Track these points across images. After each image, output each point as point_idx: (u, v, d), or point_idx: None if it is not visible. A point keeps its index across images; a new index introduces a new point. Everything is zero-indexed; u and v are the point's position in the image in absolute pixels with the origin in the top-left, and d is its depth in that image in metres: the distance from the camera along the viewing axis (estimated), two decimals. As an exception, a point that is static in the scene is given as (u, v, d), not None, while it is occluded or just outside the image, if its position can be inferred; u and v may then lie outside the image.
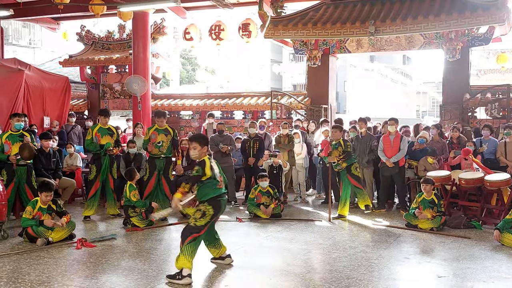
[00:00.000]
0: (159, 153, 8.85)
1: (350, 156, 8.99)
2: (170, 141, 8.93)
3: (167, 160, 8.96)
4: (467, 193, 9.00)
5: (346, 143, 9.05)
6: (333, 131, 9.23)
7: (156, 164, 8.85)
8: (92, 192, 8.79)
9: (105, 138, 8.83)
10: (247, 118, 14.13)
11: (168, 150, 8.93)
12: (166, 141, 8.89)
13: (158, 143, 8.83)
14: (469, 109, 12.22)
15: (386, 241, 7.34)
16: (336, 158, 8.92)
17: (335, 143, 9.03)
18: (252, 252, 6.67)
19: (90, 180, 8.94)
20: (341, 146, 8.95)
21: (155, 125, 9.01)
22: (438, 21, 10.85)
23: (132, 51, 13.25)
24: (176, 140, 9.06)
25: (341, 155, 8.91)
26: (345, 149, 8.93)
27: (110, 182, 9.02)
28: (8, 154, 8.28)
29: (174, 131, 9.07)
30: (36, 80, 12.81)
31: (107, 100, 15.57)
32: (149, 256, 6.48)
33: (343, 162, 8.90)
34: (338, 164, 8.95)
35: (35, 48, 27.70)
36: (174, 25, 23.28)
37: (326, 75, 13.54)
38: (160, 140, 8.84)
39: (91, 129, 8.93)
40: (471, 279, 5.58)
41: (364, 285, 5.31)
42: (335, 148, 8.98)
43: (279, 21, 12.42)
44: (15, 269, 5.76)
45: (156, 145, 8.81)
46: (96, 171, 8.84)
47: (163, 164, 8.89)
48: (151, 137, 8.85)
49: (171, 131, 8.99)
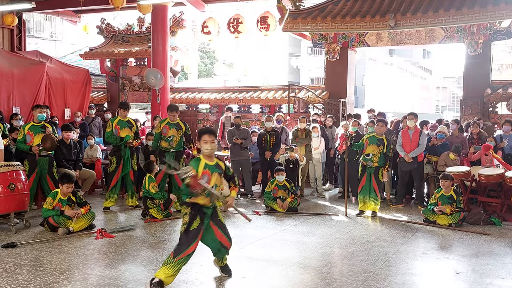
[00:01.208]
0: (169, 147, 8.91)
1: (387, 160, 8.79)
2: (181, 136, 8.98)
3: (177, 154, 8.98)
4: (487, 189, 8.91)
5: (390, 147, 8.75)
6: (378, 125, 8.86)
7: (166, 157, 8.80)
8: (112, 183, 8.90)
9: (124, 131, 8.92)
10: (264, 112, 14.13)
11: (178, 144, 8.97)
12: (177, 135, 8.93)
13: (169, 138, 8.88)
14: (490, 104, 12.07)
15: (403, 236, 7.32)
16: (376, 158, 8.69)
17: (377, 139, 8.74)
18: (269, 245, 6.71)
19: (110, 172, 9.05)
20: (383, 146, 8.69)
21: (167, 119, 9.05)
22: (460, 14, 10.70)
23: (151, 44, 13.32)
24: (188, 134, 9.10)
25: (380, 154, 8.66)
26: (387, 153, 8.71)
27: (130, 174, 9.13)
28: (31, 145, 8.42)
29: (186, 125, 9.09)
30: (58, 73, 12.98)
31: (126, 93, 15.70)
32: (167, 246, 6.55)
33: (377, 161, 8.70)
34: (371, 159, 8.74)
35: (56, 41, 27.99)
36: (192, 18, 23.38)
37: (345, 68, 13.45)
38: (171, 135, 8.90)
39: (111, 121, 9.01)
40: (489, 276, 5.54)
41: (381, 279, 5.31)
42: (376, 144, 8.71)
43: (298, 14, 12.36)
44: (37, 258, 5.88)
45: (166, 139, 8.87)
46: (116, 163, 8.94)
47: (173, 158, 8.84)
48: (162, 131, 8.91)
49: (182, 125, 9.02)
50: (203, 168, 4.89)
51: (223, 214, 8.20)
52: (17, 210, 7.28)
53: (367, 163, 8.82)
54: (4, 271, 5.33)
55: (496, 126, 11.82)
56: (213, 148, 4.98)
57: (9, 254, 5.99)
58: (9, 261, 5.72)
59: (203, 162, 4.92)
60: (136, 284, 5.01)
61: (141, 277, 5.26)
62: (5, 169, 7.17)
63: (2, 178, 7.08)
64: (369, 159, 8.76)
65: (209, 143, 4.92)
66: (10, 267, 5.48)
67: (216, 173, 4.98)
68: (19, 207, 7.29)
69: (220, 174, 5.07)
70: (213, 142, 4.94)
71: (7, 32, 14.91)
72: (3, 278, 5.11)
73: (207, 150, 4.95)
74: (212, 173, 4.94)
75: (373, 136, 8.82)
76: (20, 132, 8.60)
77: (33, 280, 5.05)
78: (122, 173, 8.97)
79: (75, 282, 5.03)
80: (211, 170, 4.94)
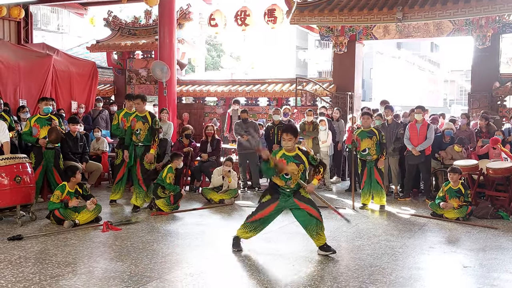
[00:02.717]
0: (137, 140, 8.36)
1: (383, 148, 8.76)
2: (148, 130, 8.35)
3: (145, 148, 8.40)
4: (494, 183, 8.84)
5: (381, 134, 8.76)
6: (364, 118, 8.90)
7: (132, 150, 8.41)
8: (118, 176, 8.87)
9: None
10: (271, 105, 14.08)
11: (146, 138, 8.36)
12: (144, 129, 8.32)
13: (136, 131, 8.32)
14: (499, 98, 11.97)
15: (410, 230, 7.28)
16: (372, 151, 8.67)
17: (367, 132, 8.77)
18: (275, 238, 6.68)
19: (116, 165, 9.02)
20: (375, 136, 8.71)
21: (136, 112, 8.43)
22: (468, 7, 10.59)
23: (158, 37, 13.28)
24: (154, 129, 8.38)
25: (375, 145, 8.65)
26: (380, 140, 8.70)
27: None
28: (37, 138, 8.43)
29: (153, 118, 8.44)
30: (64, 65, 12.99)
31: (133, 85, 15.68)
32: (173, 240, 6.55)
33: (375, 153, 8.69)
34: (369, 154, 8.74)
35: (63, 33, 28.00)
36: (199, 11, 23.29)
37: (352, 62, 13.37)
38: (137, 128, 8.31)
39: (117, 114, 8.95)
40: (497, 270, 5.50)
41: (388, 273, 5.28)
42: (368, 137, 8.74)
43: (305, 7, 12.28)
44: (42, 250, 5.90)
45: (134, 132, 8.32)
46: (123, 156, 8.91)
47: (142, 152, 8.39)
48: (126, 124, 8.39)
49: (149, 118, 8.37)
50: (280, 156, 5.75)
51: (233, 207, 8.18)
52: (23, 202, 7.30)
53: (366, 158, 8.80)
54: (9, 264, 5.34)
55: (505, 119, 11.73)
56: (289, 146, 5.75)
57: (15, 247, 6.01)
58: (15, 253, 5.73)
59: (281, 152, 5.80)
60: (142, 277, 5.00)
61: (147, 270, 5.25)
62: (12, 162, 7.19)
63: (8, 170, 7.10)
64: (366, 154, 8.74)
65: (286, 140, 5.72)
66: (16, 260, 5.49)
67: (292, 162, 5.72)
68: (25, 200, 7.31)
69: (298, 165, 5.74)
70: (290, 140, 5.70)
71: (14, 25, 14.91)
72: (9, 270, 5.12)
73: (285, 146, 5.78)
74: (288, 162, 5.71)
75: (362, 131, 8.82)
76: (26, 124, 8.61)
77: (39, 273, 5.05)
78: (128, 166, 8.95)
79: (80, 275, 5.03)
80: (287, 160, 5.72)
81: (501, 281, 5.15)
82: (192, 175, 10.52)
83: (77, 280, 4.89)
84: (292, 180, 5.77)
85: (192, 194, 10.07)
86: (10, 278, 4.89)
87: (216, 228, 7.36)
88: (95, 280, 4.91)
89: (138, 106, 8.37)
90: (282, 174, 5.72)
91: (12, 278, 4.88)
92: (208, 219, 8.01)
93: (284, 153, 5.77)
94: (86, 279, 4.92)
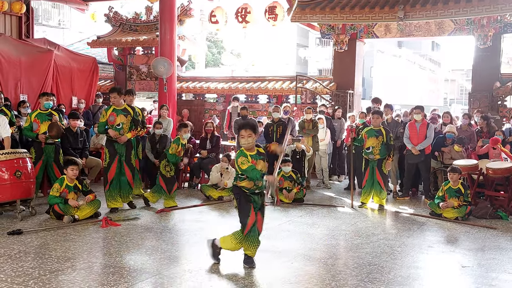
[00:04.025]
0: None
1: (391, 149, 8.70)
2: (130, 122, 7.91)
3: (127, 144, 7.97)
4: (494, 183, 8.85)
5: (389, 135, 8.67)
6: (374, 118, 8.81)
7: (115, 148, 7.91)
8: (109, 178, 8.63)
9: (120, 118, 8.71)
10: (271, 102, 14.08)
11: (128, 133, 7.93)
12: (126, 122, 7.87)
13: (118, 126, 7.83)
14: (499, 98, 11.97)
15: (409, 229, 7.29)
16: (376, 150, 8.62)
17: (375, 131, 8.70)
18: (274, 236, 6.69)
19: (105, 167, 8.88)
20: (382, 136, 8.64)
21: (112, 105, 7.94)
22: (470, 6, 10.59)
23: (159, 33, 13.25)
24: (137, 120, 7.98)
25: (381, 145, 8.59)
26: (388, 142, 8.64)
27: (136, 163, 9.07)
28: (37, 133, 8.43)
29: (134, 110, 8.01)
30: (65, 61, 12.97)
31: (133, 81, 15.68)
32: (172, 236, 6.57)
33: (378, 153, 8.64)
34: (372, 152, 8.68)
35: (64, 29, 27.95)
36: (200, 7, 23.23)
37: (353, 60, 13.37)
38: (119, 122, 7.84)
39: (105, 110, 8.80)
40: (495, 270, 5.51)
41: (386, 272, 5.30)
42: (375, 136, 8.67)
43: (307, 5, 12.27)
44: (42, 245, 5.91)
45: (115, 128, 7.82)
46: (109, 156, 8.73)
47: (124, 149, 7.95)
48: (109, 119, 7.83)
49: (130, 110, 7.95)
50: (251, 157, 5.21)
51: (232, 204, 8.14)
52: (23, 197, 7.31)
53: (368, 157, 8.77)
54: (9, 258, 5.35)
55: (505, 119, 11.73)
56: (250, 143, 5.24)
57: (15, 241, 6.02)
58: (15, 248, 5.74)
59: (248, 153, 5.22)
60: (141, 273, 5.02)
61: (146, 266, 5.27)
62: (12, 156, 7.19)
63: (8, 165, 7.10)
64: (369, 152, 8.71)
65: (246, 137, 5.22)
66: (15, 254, 5.50)
67: (260, 160, 5.27)
68: (25, 195, 7.32)
69: (264, 160, 5.33)
70: (250, 136, 5.21)
71: (15, 20, 14.87)
72: (8, 265, 5.13)
73: (244, 144, 5.27)
74: (257, 161, 5.24)
75: (371, 129, 8.78)
76: (26, 119, 8.61)
77: (38, 268, 5.06)
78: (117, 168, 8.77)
79: (79, 270, 5.05)
80: (255, 159, 5.23)
81: (499, 281, 5.16)
82: (191, 172, 10.53)
83: (76, 275, 4.90)
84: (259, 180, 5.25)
85: (191, 191, 10.08)
86: (9, 272, 4.90)
87: (215, 225, 7.37)
88: (94, 276, 4.93)
89: (114, 99, 7.86)
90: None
91: (12, 273, 4.89)
92: (207, 215, 8.03)
93: (250, 154, 5.21)
94: (86, 274, 4.93)
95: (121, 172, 8.01)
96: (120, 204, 8.03)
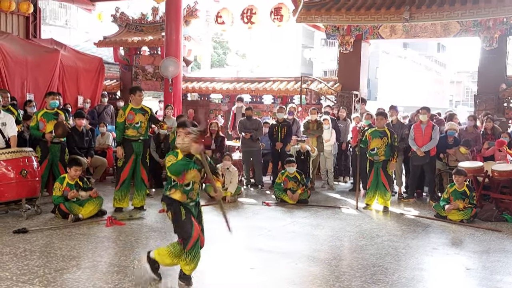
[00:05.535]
0: (137, 135, 7.94)
1: (395, 150, 8.68)
2: (148, 121, 8.06)
3: (144, 143, 8.14)
4: (499, 185, 8.80)
5: (394, 136, 8.65)
6: (378, 119, 8.80)
7: (133, 147, 7.95)
8: (122, 178, 8.60)
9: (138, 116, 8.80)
10: (276, 103, 14.08)
11: (146, 132, 8.12)
12: (145, 121, 7.99)
13: (136, 124, 7.92)
14: (505, 100, 11.93)
15: (414, 231, 7.28)
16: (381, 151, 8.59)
17: (380, 132, 8.68)
18: (278, 237, 6.70)
19: (119, 167, 8.92)
20: (386, 137, 8.62)
21: (129, 104, 8.06)
22: (477, 8, 10.56)
23: (165, 34, 13.29)
24: (154, 117, 8.23)
25: (385, 146, 8.57)
26: (392, 143, 8.61)
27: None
28: (43, 132, 8.47)
29: (151, 109, 8.21)
30: (71, 61, 13.03)
31: (139, 81, 15.70)
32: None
33: (383, 154, 8.62)
34: (376, 154, 8.66)
35: (70, 29, 28.06)
36: (206, 8, 23.26)
37: (358, 61, 13.35)
38: (138, 121, 7.93)
39: (123, 110, 8.92)
40: (500, 273, 5.49)
41: (390, 273, 5.29)
42: (379, 137, 8.65)
43: (312, 6, 12.27)
44: (47, 244, 5.93)
45: (134, 126, 7.90)
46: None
47: (142, 147, 8.05)
48: (127, 118, 7.90)
49: (148, 109, 8.10)
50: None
51: (236, 204, 8.13)
52: (29, 196, 7.35)
53: (373, 158, 8.75)
54: (15, 256, 5.38)
55: (511, 121, 11.69)
56: (186, 144, 4.49)
57: (20, 240, 6.05)
58: (20, 246, 5.77)
59: (180, 155, 4.55)
60: (145, 272, 5.02)
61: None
62: (17, 155, 7.23)
63: (14, 164, 7.15)
64: (374, 153, 8.68)
65: (183, 136, 4.51)
66: (21, 253, 5.53)
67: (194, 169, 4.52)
68: (31, 193, 7.36)
69: (200, 170, 4.63)
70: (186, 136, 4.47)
71: (22, 19, 14.93)
72: (14, 263, 5.16)
73: (181, 144, 4.54)
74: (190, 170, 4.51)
75: (375, 130, 8.76)
76: (33, 118, 8.65)
77: (43, 266, 5.09)
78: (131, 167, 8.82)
79: (84, 269, 5.07)
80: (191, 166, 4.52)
81: (504, 284, 5.14)
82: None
83: (81, 274, 4.92)
84: (194, 191, 4.77)
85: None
86: (15, 270, 4.93)
87: (218, 225, 7.35)
88: (99, 274, 4.94)
89: (139, 98, 8.01)
90: (183, 187, 4.63)
91: (17, 271, 4.91)
92: (211, 215, 8.01)
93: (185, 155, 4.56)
94: (90, 273, 4.95)
95: (136, 173, 8.05)
96: (126, 204, 8.06)
